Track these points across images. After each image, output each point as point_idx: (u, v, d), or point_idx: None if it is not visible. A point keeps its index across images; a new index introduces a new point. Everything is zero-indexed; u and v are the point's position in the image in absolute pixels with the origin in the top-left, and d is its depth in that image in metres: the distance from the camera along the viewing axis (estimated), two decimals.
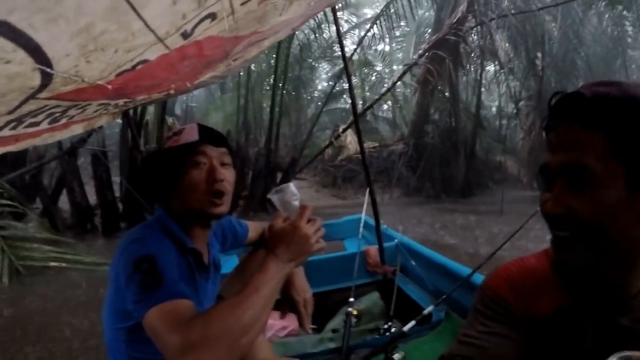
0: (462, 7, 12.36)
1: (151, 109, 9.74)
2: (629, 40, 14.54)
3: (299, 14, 1.45)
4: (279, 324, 2.68)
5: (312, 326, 1.78)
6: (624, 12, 12.98)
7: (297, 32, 12.58)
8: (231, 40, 1.28)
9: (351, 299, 2.56)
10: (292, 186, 1.55)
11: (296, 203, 1.52)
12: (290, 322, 2.72)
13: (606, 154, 0.80)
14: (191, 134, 1.48)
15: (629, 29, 14.32)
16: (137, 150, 7.07)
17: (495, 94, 16.00)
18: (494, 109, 16.20)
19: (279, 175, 11.20)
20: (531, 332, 0.95)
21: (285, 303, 1.71)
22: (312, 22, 12.81)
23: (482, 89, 15.06)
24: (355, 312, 2.50)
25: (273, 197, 1.54)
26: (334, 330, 2.72)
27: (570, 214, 0.83)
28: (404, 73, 12.22)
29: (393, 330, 2.39)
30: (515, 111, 14.44)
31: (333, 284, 3.16)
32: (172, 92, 1.63)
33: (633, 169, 0.79)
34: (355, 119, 3.69)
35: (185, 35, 0.96)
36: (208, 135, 1.49)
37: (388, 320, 2.49)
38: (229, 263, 2.42)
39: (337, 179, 13.96)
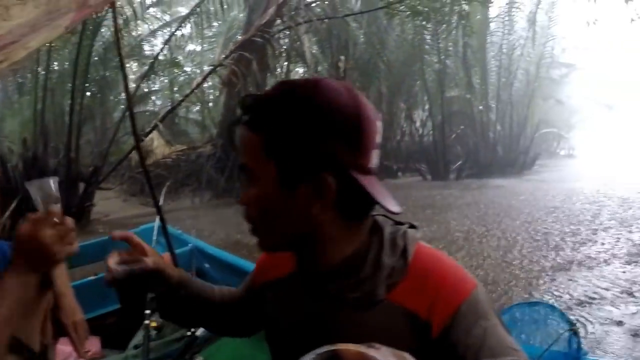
0: (271, 10, 12.78)
1: None
2: (427, 47, 16.48)
3: (35, 17, 1.48)
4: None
5: (86, 350, 1.73)
6: (424, 23, 14.37)
7: (102, 29, 12.07)
8: None
9: (147, 311, 2.49)
10: (52, 182, 1.35)
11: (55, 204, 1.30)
12: (92, 344, 2.68)
13: (262, 153, 0.89)
14: None
15: (428, 37, 16.22)
16: None
17: None
18: None
19: (82, 186, 10.66)
20: (265, 295, 1.13)
21: (56, 328, 1.61)
22: (119, 19, 12.44)
23: None
24: (154, 324, 2.50)
25: (31, 187, 1.30)
26: (136, 347, 2.65)
27: (247, 207, 0.97)
28: (208, 74, 12.40)
29: (199, 335, 2.37)
30: None
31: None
32: None
33: (283, 166, 0.88)
34: (132, 121, 3.85)
35: None
36: None
37: (191, 327, 2.41)
38: None
39: (144, 186, 13.62)
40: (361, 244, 0.96)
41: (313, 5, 14.58)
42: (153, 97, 16.15)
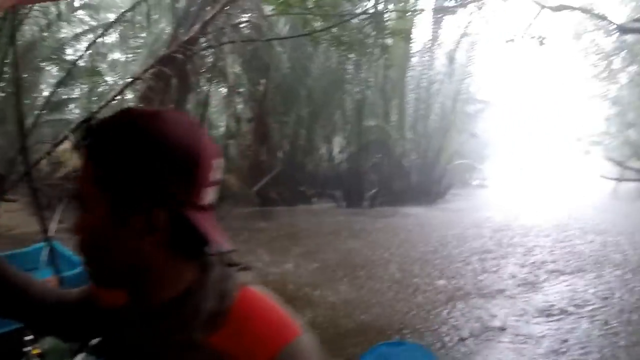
0: (195, 27, 12.69)
1: None
2: (349, 76, 17.02)
3: None
4: None
5: None
6: (347, 53, 14.73)
7: (25, 28, 11.64)
8: None
9: (27, 338, 2.42)
10: None
11: None
12: None
13: (94, 181, 0.87)
14: None
15: (350, 67, 16.74)
16: None
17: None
18: (222, 129, 16.76)
19: None
20: (102, 320, 1.07)
21: None
22: (42, 19, 12.05)
23: (214, 109, 15.72)
24: (36, 352, 2.40)
25: None
26: None
27: (80, 237, 0.92)
28: (124, 87, 12.04)
29: None
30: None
31: (17, 322, 2.92)
32: None
33: (114, 197, 0.86)
34: (22, 134, 3.77)
35: None
36: None
37: (75, 355, 2.36)
38: None
39: (52, 200, 12.95)
40: (189, 284, 0.94)
41: (241, 26, 14.65)
42: (71, 105, 15.49)
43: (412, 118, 18.60)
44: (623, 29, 16.88)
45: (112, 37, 14.68)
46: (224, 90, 15.48)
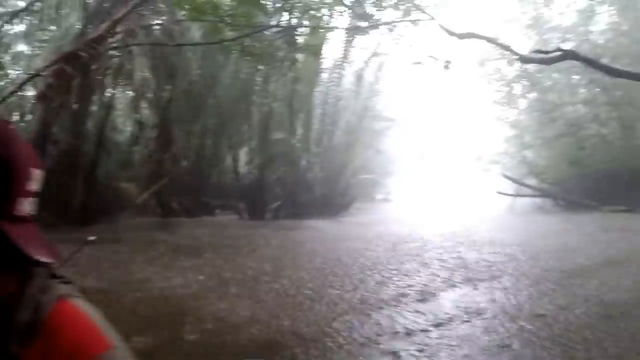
0: (104, 26, 12.25)
1: None
2: (257, 88, 17.35)
3: None
4: None
5: None
6: (256, 65, 14.83)
7: None
8: None
9: None
10: None
11: None
12: None
13: None
14: None
15: (259, 79, 17.11)
16: None
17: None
18: (127, 134, 16.33)
19: None
20: None
21: None
22: None
23: (120, 113, 15.30)
24: None
25: None
26: None
27: None
28: (22, 83, 11.44)
29: None
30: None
31: None
32: None
33: None
34: None
35: None
36: None
37: None
38: None
39: None
40: (8, 296, 0.91)
41: (153, 28, 14.34)
42: None
43: (318, 132, 19.04)
44: (524, 59, 18.07)
45: (18, 27, 13.90)
46: (131, 93, 15.10)
